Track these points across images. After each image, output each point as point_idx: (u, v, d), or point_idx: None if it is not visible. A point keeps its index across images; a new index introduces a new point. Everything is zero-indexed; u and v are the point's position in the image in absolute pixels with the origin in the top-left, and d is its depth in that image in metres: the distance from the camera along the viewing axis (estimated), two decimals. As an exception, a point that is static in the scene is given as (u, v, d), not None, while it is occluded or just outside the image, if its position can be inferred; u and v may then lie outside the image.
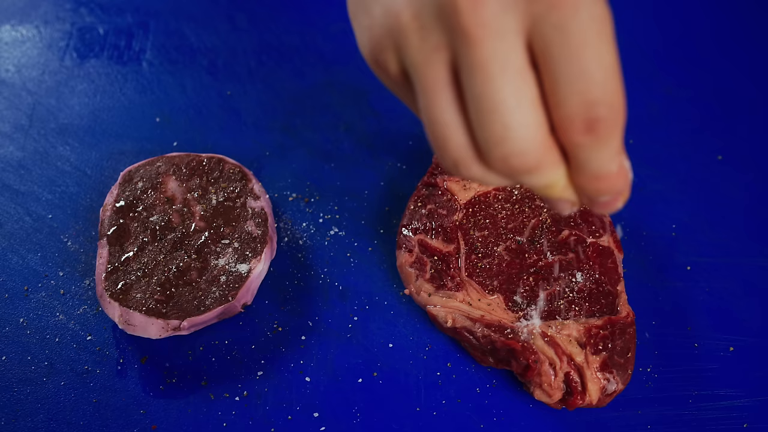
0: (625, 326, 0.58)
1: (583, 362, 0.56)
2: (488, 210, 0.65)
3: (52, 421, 0.58)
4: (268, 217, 0.65)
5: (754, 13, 0.88)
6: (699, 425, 0.59)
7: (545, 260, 0.62)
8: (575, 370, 0.56)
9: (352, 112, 0.78)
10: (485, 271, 0.62)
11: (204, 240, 0.63)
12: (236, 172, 0.68)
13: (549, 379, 0.56)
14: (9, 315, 0.64)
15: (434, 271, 0.62)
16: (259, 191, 0.67)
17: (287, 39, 0.85)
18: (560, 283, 0.61)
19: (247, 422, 0.59)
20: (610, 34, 0.33)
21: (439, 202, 0.66)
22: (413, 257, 0.63)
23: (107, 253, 0.62)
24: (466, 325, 0.59)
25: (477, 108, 0.34)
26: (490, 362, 0.59)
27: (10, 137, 0.76)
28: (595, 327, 0.58)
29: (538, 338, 0.57)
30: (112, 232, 0.63)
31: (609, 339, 0.58)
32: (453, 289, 0.61)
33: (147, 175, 0.67)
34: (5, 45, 0.84)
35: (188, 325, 0.59)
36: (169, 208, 0.65)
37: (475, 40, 0.33)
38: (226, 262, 0.62)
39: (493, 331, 0.58)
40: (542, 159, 0.35)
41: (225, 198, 0.66)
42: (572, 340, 0.57)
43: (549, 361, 0.56)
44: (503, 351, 0.57)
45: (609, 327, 0.58)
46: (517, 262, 0.62)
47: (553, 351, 0.57)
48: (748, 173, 0.75)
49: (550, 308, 0.59)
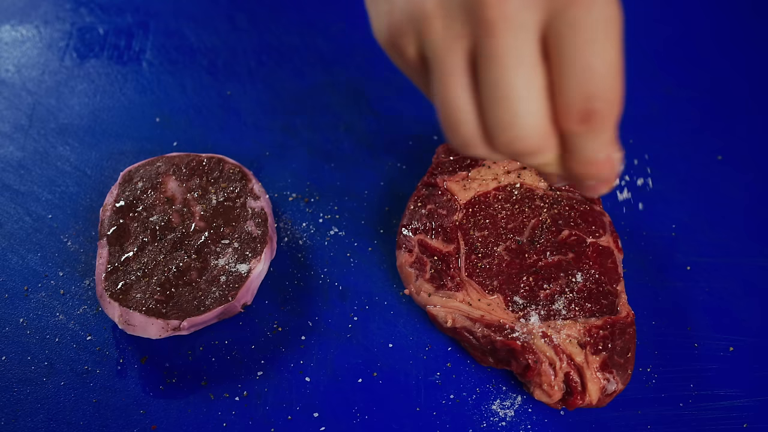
0: (625, 326, 0.58)
1: (583, 362, 0.56)
2: (488, 210, 0.65)
3: (52, 421, 0.58)
4: (268, 217, 0.65)
5: (753, 13, 0.88)
6: (699, 425, 0.59)
7: (545, 260, 0.62)
8: (575, 370, 0.56)
9: (352, 112, 0.78)
10: (485, 271, 0.62)
11: (204, 240, 0.63)
12: (236, 172, 0.68)
13: (549, 379, 0.56)
14: (9, 315, 0.64)
15: (434, 271, 0.62)
16: (259, 191, 0.67)
17: (287, 39, 0.85)
18: (560, 284, 0.61)
19: (247, 422, 0.59)
20: (617, 35, 0.36)
21: (439, 202, 0.66)
22: (413, 257, 0.63)
23: (107, 254, 0.62)
24: (466, 325, 0.59)
25: (490, 94, 0.37)
26: (489, 362, 0.59)
27: (10, 137, 0.76)
28: (594, 327, 0.58)
29: (538, 338, 0.57)
30: (112, 232, 0.63)
31: (609, 339, 0.58)
32: (453, 289, 0.61)
33: (147, 175, 0.67)
34: (5, 45, 0.84)
35: (188, 325, 0.59)
36: (169, 208, 0.65)
37: (497, 32, 0.36)
38: (225, 262, 0.62)
39: (493, 331, 0.58)
40: (542, 144, 0.38)
41: (225, 198, 0.66)
42: (572, 340, 0.57)
43: (549, 361, 0.56)
44: (503, 351, 0.57)
45: (609, 327, 0.58)
46: (517, 262, 0.62)
47: (553, 351, 0.57)
48: (748, 173, 0.75)
49: (550, 308, 0.59)
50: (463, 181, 0.67)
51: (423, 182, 0.68)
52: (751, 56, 0.85)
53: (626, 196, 0.72)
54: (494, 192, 0.67)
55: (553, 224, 0.64)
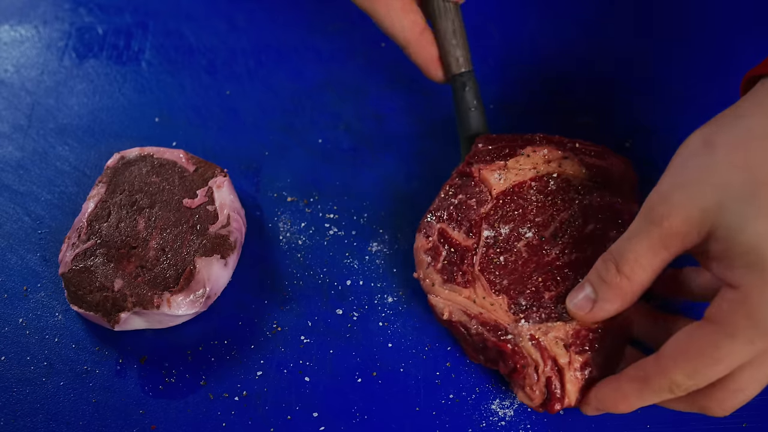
0: (617, 330, 0.57)
1: (565, 364, 0.55)
2: (518, 201, 0.63)
3: (52, 422, 0.58)
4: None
5: (753, 13, 0.88)
6: (698, 425, 0.59)
7: (563, 259, 0.60)
8: (556, 374, 0.55)
9: (351, 112, 0.78)
10: (499, 267, 0.60)
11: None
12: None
13: (532, 382, 0.56)
14: (8, 315, 0.64)
15: (447, 263, 0.61)
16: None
17: (286, 39, 0.85)
18: (567, 285, 0.59)
19: (247, 422, 0.59)
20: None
21: (470, 192, 0.63)
22: (430, 244, 0.62)
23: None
24: (463, 320, 0.58)
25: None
26: (480, 360, 0.59)
27: (9, 137, 0.76)
28: (585, 329, 0.57)
29: (526, 340, 0.56)
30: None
31: (597, 341, 0.56)
32: (462, 285, 0.60)
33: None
34: (4, 45, 0.84)
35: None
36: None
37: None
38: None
39: (488, 330, 0.57)
40: None
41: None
42: (558, 341, 0.56)
43: (534, 365, 0.56)
44: (493, 351, 0.57)
45: (600, 330, 0.57)
46: (534, 260, 0.60)
47: (539, 354, 0.56)
48: (748, 173, 0.75)
49: (552, 310, 0.58)
50: (499, 171, 0.64)
51: (458, 171, 0.66)
52: (751, 56, 0.85)
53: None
54: (530, 182, 0.64)
55: (581, 217, 0.62)
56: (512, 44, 0.85)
